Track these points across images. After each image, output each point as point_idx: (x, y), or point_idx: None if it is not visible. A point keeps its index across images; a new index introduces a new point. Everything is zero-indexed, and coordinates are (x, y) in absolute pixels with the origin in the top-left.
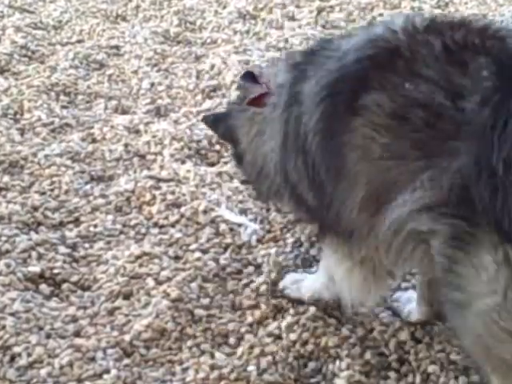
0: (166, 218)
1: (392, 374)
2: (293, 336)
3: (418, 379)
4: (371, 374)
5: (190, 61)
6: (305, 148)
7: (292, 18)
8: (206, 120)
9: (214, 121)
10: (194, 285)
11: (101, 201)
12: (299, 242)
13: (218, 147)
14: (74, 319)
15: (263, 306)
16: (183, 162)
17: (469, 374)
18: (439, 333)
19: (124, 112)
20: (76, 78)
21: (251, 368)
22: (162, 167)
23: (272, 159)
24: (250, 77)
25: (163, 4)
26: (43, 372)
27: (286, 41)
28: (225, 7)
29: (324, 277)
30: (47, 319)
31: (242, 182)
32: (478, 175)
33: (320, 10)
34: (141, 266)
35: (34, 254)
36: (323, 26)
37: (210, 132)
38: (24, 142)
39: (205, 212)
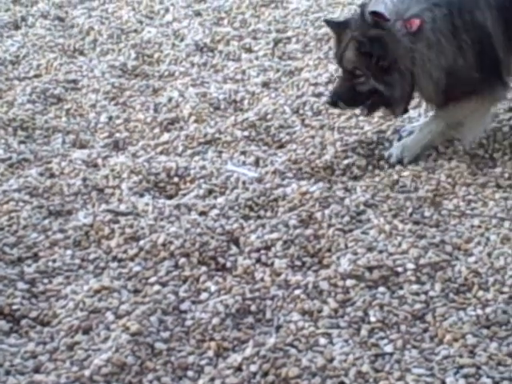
0: (125, 251)
1: None
2: (253, 367)
3: None
4: None
5: (147, 94)
6: None
7: (249, 50)
8: None
9: None
10: (153, 318)
11: (59, 235)
12: None
13: (176, 179)
14: (34, 355)
15: (223, 338)
16: (142, 195)
17: None
18: (398, 361)
19: (82, 146)
20: (33, 112)
21: None
22: (120, 201)
23: None
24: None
25: (120, 37)
26: None
27: (244, 72)
28: (182, 40)
29: (439, 126)
30: (6, 356)
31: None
32: None
33: (277, 42)
34: (100, 300)
35: None
36: (280, 57)
37: (168, 164)
38: None
39: (164, 245)
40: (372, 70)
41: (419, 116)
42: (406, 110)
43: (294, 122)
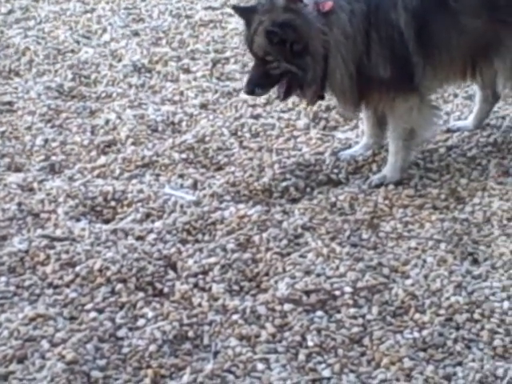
0: (61, 277)
1: None
2: None
3: None
4: None
5: (84, 116)
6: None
7: (187, 71)
8: None
9: None
10: (89, 346)
11: None
12: None
13: (113, 203)
14: None
15: (160, 366)
16: (78, 220)
17: None
18: None
19: (17, 170)
20: None
21: None
22: (56, 226)
23: None
24: None
25: (57, 58)
26: None
27: (182, 93)
28: (120, 60)
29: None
30: None
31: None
32: None
33: (215, 62)
34: (35, 328)
35: None
36: (218, 78)
37: (105, 188)
38: None
39: (100, 271)
40: (284, 54)
41: (357, 137)
42: (320, 97)
43: (232, 144)
